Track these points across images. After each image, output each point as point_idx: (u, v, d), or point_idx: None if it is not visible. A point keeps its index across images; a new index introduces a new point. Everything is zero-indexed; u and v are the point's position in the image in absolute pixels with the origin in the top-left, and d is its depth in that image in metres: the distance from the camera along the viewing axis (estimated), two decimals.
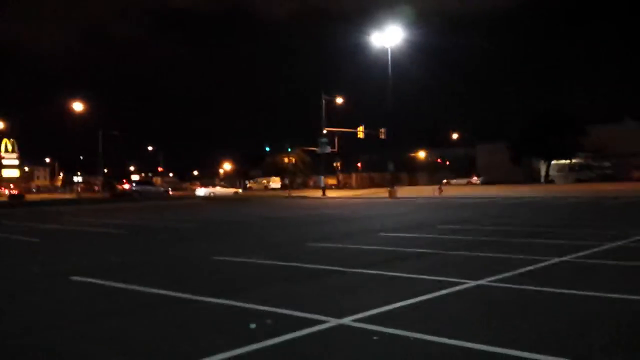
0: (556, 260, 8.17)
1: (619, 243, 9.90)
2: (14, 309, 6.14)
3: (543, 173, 72.61)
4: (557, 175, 67.46)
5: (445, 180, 77.90)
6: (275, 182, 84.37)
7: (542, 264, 7.85)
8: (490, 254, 9.10)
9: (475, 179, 77.38)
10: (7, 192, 68.45)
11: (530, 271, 7.35)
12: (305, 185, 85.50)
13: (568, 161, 69.76)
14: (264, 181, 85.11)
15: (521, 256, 8.60)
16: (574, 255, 8.55)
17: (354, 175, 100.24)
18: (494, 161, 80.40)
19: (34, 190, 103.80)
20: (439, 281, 6.68)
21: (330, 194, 50.54)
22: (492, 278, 6.81)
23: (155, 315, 5.59)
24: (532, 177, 72.87)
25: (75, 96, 64.16)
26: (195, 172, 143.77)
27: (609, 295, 5.74)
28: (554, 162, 70.96)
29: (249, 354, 4.15)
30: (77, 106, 64.21)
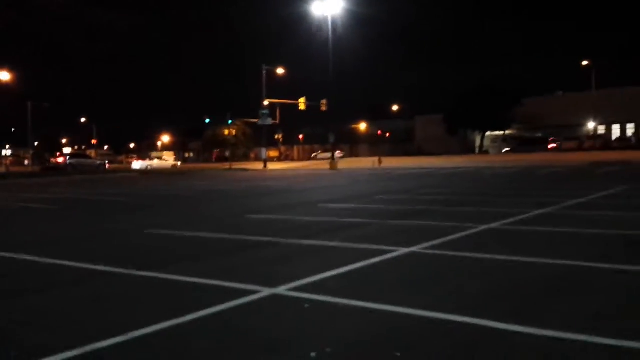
0: (485, 227, 8.50)
1: (544, 211, 10.39)
2: None
3: (478, 144, 75.05)
4: (491, 146, 69.91)
5: (314, 154, 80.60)
6: (169, 157, 76.87)
7: (472, 231, 8.15)
8: (423, 222, 9.36)
9: (338, 152, 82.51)
10: None
11: (460, 238, 7.62)
12: (246, 158, 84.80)
13: (502, 132, 72.29)
14: (154, 156, 73.55)
15: (453, 224, 8.89)
16: (502, 222, 8.91)
17: (295, 148, 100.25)
18: (431, 133, 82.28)
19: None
20: (374, 249, 6.82)
21: (272, 166, 50.40)
22: (425, 245, 7.02)
23: (83, 290, 5.43)
24: (468, 149, 75.20)
25: (1, 64, 60.43)
26: (132, 145, 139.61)
27: (531, 259, 6.04)
28: (488, 133, 73.36)
29: (179, 325, 4.11)
30: (3, 75, 60.62)
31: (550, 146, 60.52)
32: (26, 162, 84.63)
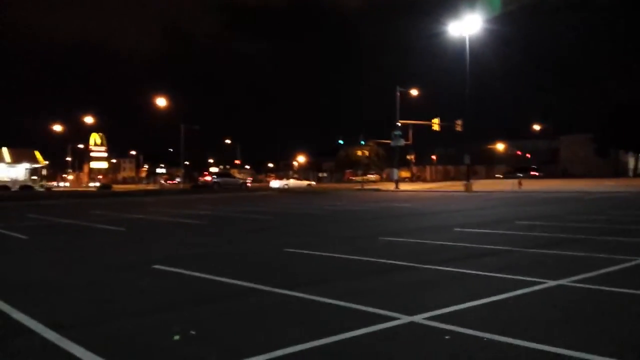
0: None
1: None
2: (100, 297, 6.52)
3: (632, 166, 68.50)
4: None
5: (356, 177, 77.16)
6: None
7: (628, 264, 7.43)
8: (571, 253, 8.71)
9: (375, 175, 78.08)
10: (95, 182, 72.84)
11: (614, 272, 6.98)
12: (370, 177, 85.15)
13: None
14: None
15: (604, 255, 8.18)
16: None
17: (428, 168, 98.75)
18: (578, 154, 76.72)
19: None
20: (516, 280, 6.48)
21: (404, 187, 50.04)
22: (573, 278, 6.52)
23: (231, 306, 5.78)
24: (620, 171, 68.81)
25: (158, 91, 67.33)
26: (271, 165, 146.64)
27: None
28: None
29: (318, 348, 4.21)
30: (160, 101, 67.29)
31: (532, 173, 73.42)
32: (177, 179, 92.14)
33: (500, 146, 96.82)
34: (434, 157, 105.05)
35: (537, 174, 77.37)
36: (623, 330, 4.53)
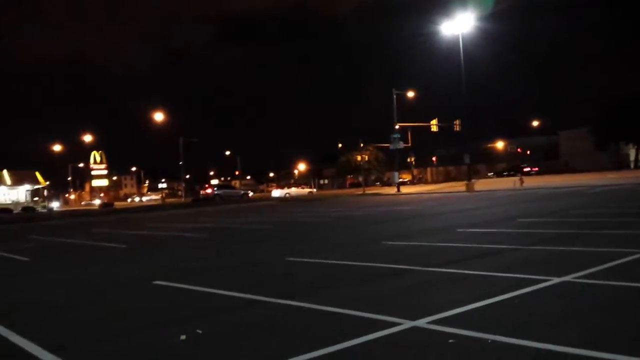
0: None
1: None
2: (99, 316, 6.44)
3: (632, 158, 68.38)
4: None
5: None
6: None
7: (632, 257, 7.33)
8: (575, 248, 8.62)
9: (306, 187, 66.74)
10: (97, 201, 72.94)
11: (618, 265, 6.89)
12: (380, 182, 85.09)
13: None
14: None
15: (609, 249, 8.08)
16: None
17: (428, 170, 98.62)
18: (578, 148, 76.54)
19: (134, 199, 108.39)
20: (520, 279, 6.39)
21: (405, 189, 49.96)
22: (578, 274, 6.43)
23: (231, 318, 5.69)
24: (620, 164, 68.61)
25: (156, 107, 67.46)
26: (272, 174, 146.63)
27: None
28: None
29: (321, 357, 4.13)
30: (158, 116, 67.38)
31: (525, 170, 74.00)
32: (179, 193, 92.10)
33: (499, 144, 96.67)
34: (434, 158, 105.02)
35: (530, 169, 78.71)
36: (629, 325, 4.45)
